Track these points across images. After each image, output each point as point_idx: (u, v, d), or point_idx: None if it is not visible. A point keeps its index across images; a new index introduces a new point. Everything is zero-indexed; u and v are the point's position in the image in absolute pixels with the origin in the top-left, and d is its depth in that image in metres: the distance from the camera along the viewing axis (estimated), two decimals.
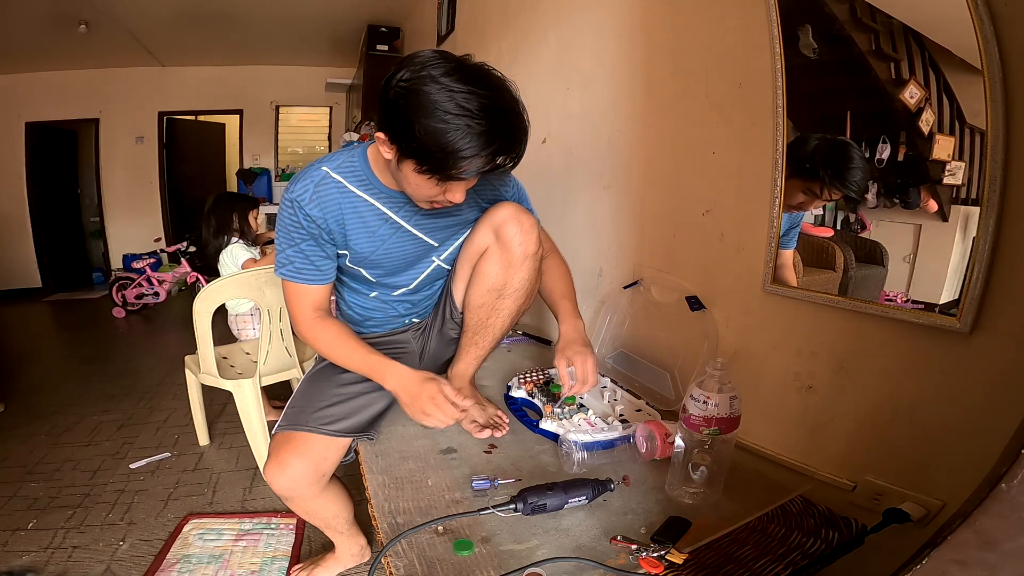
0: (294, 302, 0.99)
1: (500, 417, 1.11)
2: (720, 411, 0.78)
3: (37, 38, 4.02)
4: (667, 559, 0.70)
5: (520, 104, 0.79)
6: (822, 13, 0.88)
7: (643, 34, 1.34)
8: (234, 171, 5.62)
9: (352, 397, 1.02)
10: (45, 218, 5.02)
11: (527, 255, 0.99)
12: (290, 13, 4.02)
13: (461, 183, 0.82)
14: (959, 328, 0.72)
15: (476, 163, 0.75)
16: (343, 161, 0.95)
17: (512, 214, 0.97)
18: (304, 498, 1.02)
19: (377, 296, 1.11)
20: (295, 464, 0.94)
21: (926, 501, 0.76)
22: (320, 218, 0.93)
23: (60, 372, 2.88)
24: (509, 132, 0.76)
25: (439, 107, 0.72)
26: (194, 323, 1.65)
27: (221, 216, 2.16)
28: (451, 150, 0.73)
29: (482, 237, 1.01)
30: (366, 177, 0.94)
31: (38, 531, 1.47)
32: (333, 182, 0.93)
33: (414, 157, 0.77)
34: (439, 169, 0.76)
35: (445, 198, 0.84)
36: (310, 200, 0.91)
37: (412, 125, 0.73)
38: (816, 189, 0.90)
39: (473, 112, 0.72)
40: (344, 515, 1.14)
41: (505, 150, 0.77)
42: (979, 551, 0.37)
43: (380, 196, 0.95)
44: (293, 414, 0.99)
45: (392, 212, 0.97)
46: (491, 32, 2.33)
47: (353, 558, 1.24)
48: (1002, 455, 0.39)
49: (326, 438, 0.96)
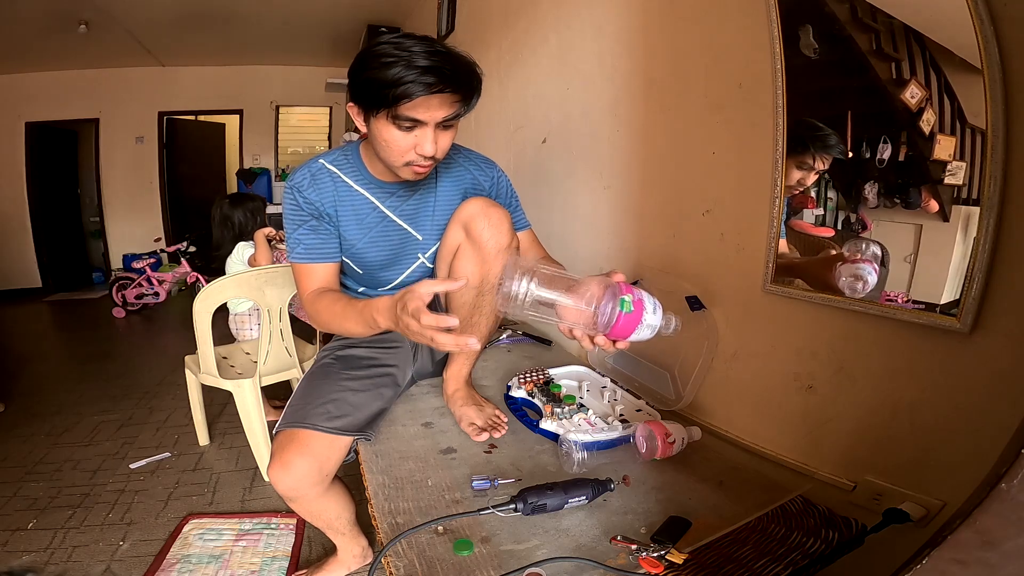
0: (303, 284, 1.04)
1: (499, 417, 1.11)
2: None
3: (37, 38, 4.02)
4: (667, 559, 0.70)
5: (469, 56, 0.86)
6: (822, 13, 0.87)
7: (643, 34, 1.34)
8: (234, 171, 5.63)
9: (349, 393, 1.03)
10: (45, 218, 5.03)
11: (500, 248, 0.98)
12: (290, 13, 4.03)
13: (425, 129, 0.85)
14: (959, 328, 0.72)
15: (417, 89, 0.79)
16: (338, 155, 1.04)
17: (480, 209, 0.98)
18: (308, 499, 1.02)
19: (364, 292, 1.15)
20: (299, 464, 0.94)
21: (926, 501, 0.76)
22: (318, 201, 1.01)
23: (60, 372, 2.88)
24: (452, 65, 0.81)
25: (384, 52, 0.80)
26: (194, 323, 1.66)
27: (243, 220, 2.16)
28: (393, 79, 0.79)
29: (453, 235, 1.02)
30: (358, 169, 1.03)
31: (38, 531, 1.47)
32: (328, 172, 1.02)
33: (366, 103, 0.84)
34: (388, 102, 0.81)
35: (417, 153, 0.87)
36: (308, 186, 1.01)
37: (362, 73, 0.82)
38: (809, 160, 0.91)
39: (413, 50, 0.80)
40: (346, 516, 1.14)
41: (447, 79, 0.80)
42: (979, 551, 0.37)
43: (370, 186, 1.03)
44: (293, 412, 1.00)
45: (380, 202, 1.04)
46: (491, 32, 2.33)
47: (355, 560, 1.24)
48: (1002, 455, 0.39)
49: (328, 437, 0.96)
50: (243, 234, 2.17)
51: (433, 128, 0.86)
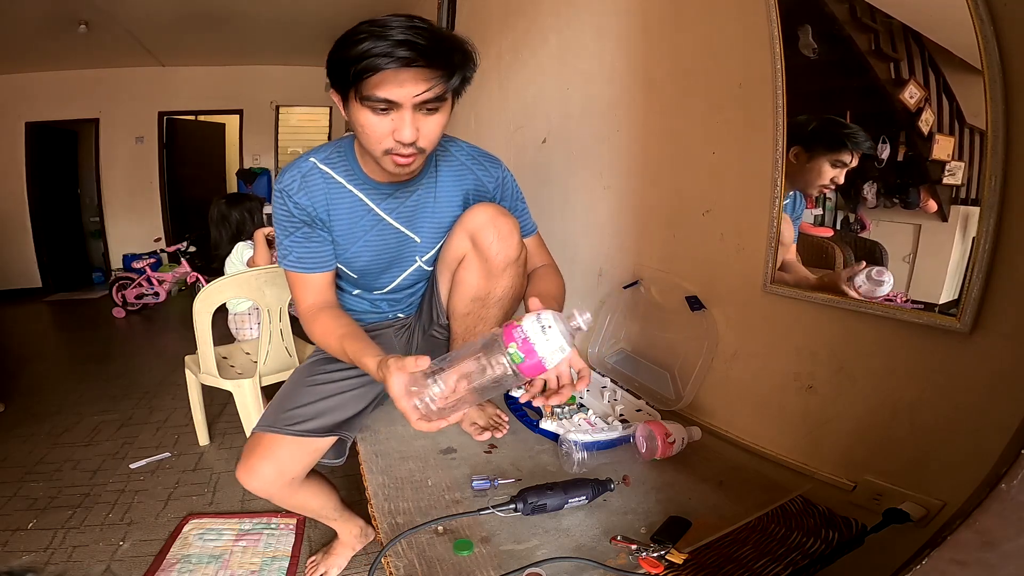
0: (297, 292, 0.99)
1: (500, 417, 1.11)
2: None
3: (37, 38, 4.02)
4: (667, 559, 0.70)
5: (461, 36, 0.79)
6: (822, 13, 0.88)
7: (643, 34, 1.34)
8: (234, 171, 5.63)
9: (324, 397, 1.00)
10: (45, 218, 5.02)
11: (508, 262, 0.93)
12: (290, 13, 4.02)
13: (402, 111, 0.77)
14: (959, 328, 0.72)
15: (382, 61, 0.72)
16: (331, 152, 0.96)
17: (489, 218, 0.92)
18: (281, 497, 1.01)
19: (360, 294, 1.12)
20: (263, 468, 0.93)
21: (926, 501, 0.76)
22: (309, 206, 0.94)
23: (60, 372, 2.88)
24: (428, 38, 0.73)
25: (359, 29, 0.74)
26: (194, 323, 1.65)
27: (240, 219, 2.17)
28: (360, 52, 0.72)
29: (458, 243, 0.96)
30: (351, 168, 0.95)
31: (38, 531, 1.47)
32: (320, 172, 0.94)
33: (338, 84, 0.78)
34: (352, 79, 0.74)
35: (396, 139, 0.79)
36: (298, 189, 0.93)
37: (334, 53, 0.77)
38: (846, 157, 0.87)
39: (390, 25, 0.73)
40: (331, 504, 1.14)
41: (419, 50, 0.72)
42: (979, 551, 0.37)
43: (364, 187, 0.96)
44: (268, 414, 0.99)
45: (374, 204, 0.96)
46: (491, 32, 2.33)
47: (358, 540, 1.26)
48: (1002, 455, 0.39)
49: (295, 441, 0.95)
50: (240, 234, 2.17)
51: (411, 111, 0.77)
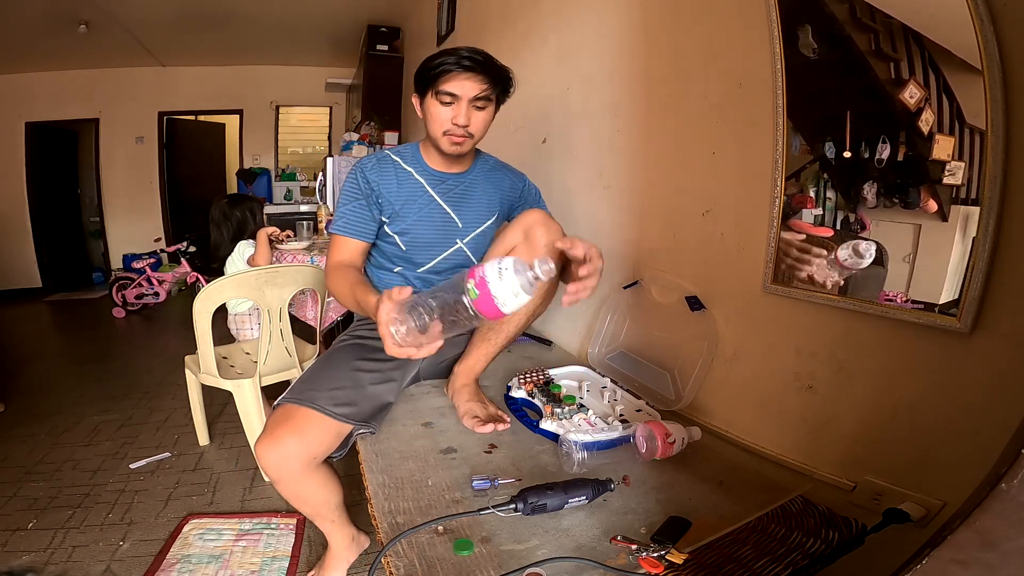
0: (333, 251, 1.18)
1: (501, 416, 1.11)
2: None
3: (37, 38, 4.02)
4: (667, 559, 0.70)
5: (508, 67, 1.11)
6: (822, 13, 0.88)
7: (643, 34, 1.34)
8: (234, 171, 5.63)
9: (363, 385, 1.05)
10: (45, 218, 5.03)
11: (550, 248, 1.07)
12: (290, 13, 4.03)
13: (460, 102, 1.05)
14: (959, 328, 0.72)
15: (452, 67, 1.03)
16: (403, 149, 1.24)
17: (542, 218, 1.10)
18: (292, 480, 1.01)
19: (400, 271, 1.24)
20: (289, 441, 0.94)
21: (926, 501, 0.76)
22: (375, 182, 1.16)
23: (60, 372, 2.89)
24: (485, 58, 1.06)
25: (439, 52, 1.07)
26: (194, 323, 1.65)
27: (241, 219, 2.18)
28: (438, 63, 1.04)
29: (512, 236, 1.13)
30: (416, 159, 1.22)
31: (38, 531, 1.47)
32: (392, 161, 1.20)
33: (420, 87, 1.09)
34: (432, 80, 1.05)
35: (453, 123, 1.07)
36: (372, 168, 1.18)
37: (424, 65, 1.08)
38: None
39: (460, 50, 1.04)
40: (333, 501, 1.13)
41: (479, 64, 1.04)
42: (979, 551, 0.37)
43: (424, 174, 1.20)
44: (300, 388, 1.01)
45: (431, 188, 1.20)
46: (491, 32, 2.33)
47: (348, 550, 1.24)
48: (1002, 455, 0.39)
49: (325, 420, 0.97)
50: (242, 234, 2.17)
51: (467, 104, 1.05)
